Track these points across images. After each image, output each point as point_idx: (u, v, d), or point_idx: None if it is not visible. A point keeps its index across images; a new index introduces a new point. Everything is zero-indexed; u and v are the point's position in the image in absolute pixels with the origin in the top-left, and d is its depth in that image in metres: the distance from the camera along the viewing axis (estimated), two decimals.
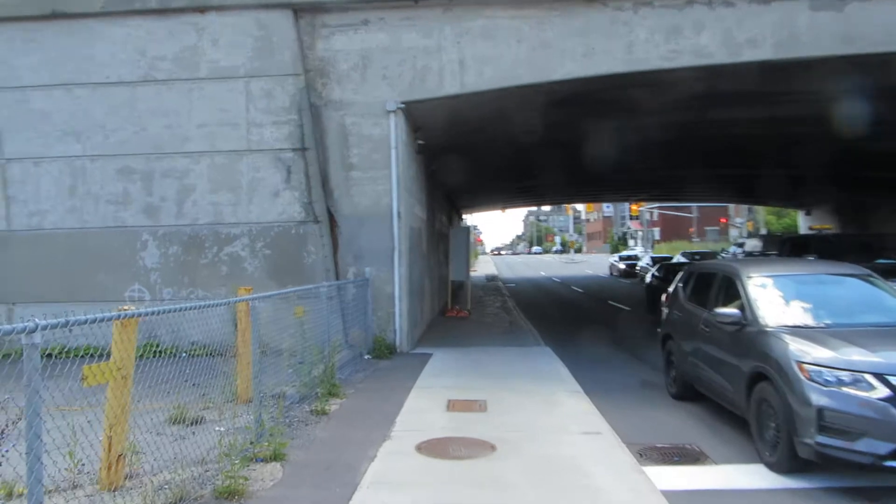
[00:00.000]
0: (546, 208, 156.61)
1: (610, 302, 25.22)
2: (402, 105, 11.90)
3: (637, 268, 39.13)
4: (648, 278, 23.87)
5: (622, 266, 41.08)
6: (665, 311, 9.30)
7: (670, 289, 9.34)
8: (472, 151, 18.66)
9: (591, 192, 37.96)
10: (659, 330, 9.59)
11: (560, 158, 20.98)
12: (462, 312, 19.29)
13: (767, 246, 34.40)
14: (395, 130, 11.86)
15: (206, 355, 6.79)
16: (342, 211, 11.99)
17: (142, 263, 11.96)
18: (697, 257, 34.31)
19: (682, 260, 32.70)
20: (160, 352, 11.83)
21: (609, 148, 20.59)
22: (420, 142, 13.83)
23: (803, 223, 45.92)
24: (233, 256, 11.89)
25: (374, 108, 11.90)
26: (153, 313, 4.98)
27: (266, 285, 11.52)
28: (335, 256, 11.94)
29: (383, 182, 11.92)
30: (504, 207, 48.08)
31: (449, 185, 23.38)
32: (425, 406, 7.78)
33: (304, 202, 11.87)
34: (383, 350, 11.40)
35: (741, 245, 41.39)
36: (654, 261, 35.98)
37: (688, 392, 8.36)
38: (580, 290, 32.28)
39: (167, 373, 6.84)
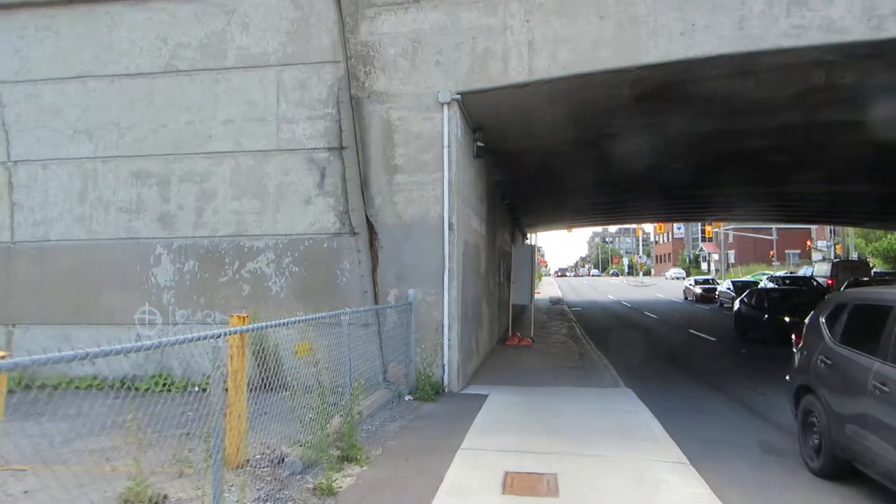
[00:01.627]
0: (612, 229, 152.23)
1: (691, 331, 22.50)
2: (458, 96, 9.98)
3: (716, 292, 35.93)
4: (737, 305, 21.12)
5: (699, 290, 37.87)
6: (799, 354, 6.93)
7: (806, 324, 6.96)
8: (541, 159, 16.56)
9: (667, 209, 34.98)
10: (787, 378, 7.23)
11: (639, 170, 18.62)
12: (525, 340, 17.11)
13: (839, 273, 30.88)
14: (448, 126, 9.94)
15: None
16: (384, 221, 10.11)
17: (154, 281, 10.36)
18: (787, 282, 31.12)
19: (770, 285, 29.61)
20: (170, 385, 9.88)
21: (695, 158, 18.19)
22: (479, 144, 11.85)
23: None
24: (256, 274, 10.16)
25: (425, 100, 10.02)
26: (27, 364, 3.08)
27: (293, 308, 9.74)
28: (374, 275, 10.04)
29: (433, 188, 9.98)
30: (571, 226, 45.57)
31: (512, 198, 21.32)
32: (473, 482, 5.69)
33: (339, 211, 10.05)
34: (427, 390, 9.39)
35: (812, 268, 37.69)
36: (736, 285, 32.93)
37: (840, 469, 5.99)
38: (654, 315, 29.49)
39: (161, 414, 5.30)
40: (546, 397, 9.83)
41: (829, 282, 30.75)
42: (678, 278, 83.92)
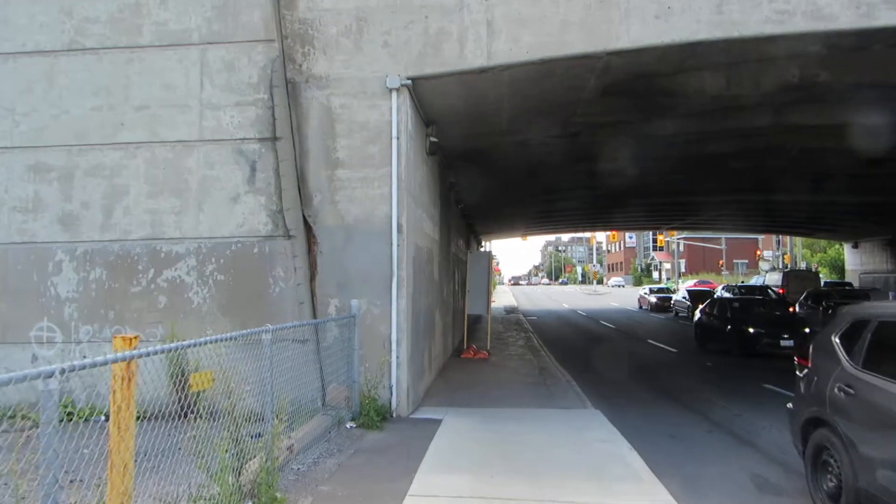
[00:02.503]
0: (565, 238, 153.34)
1: (650, 341, 21.80)
2: (409, 81, 8.84)
3: (672, 301, 35.61)
4: (697, 315, 20.50)
5: (653, 299, 37.52)
6: (805, 380, 5.95)
7: (814, 344, 6.00)
8: (497, 161, 15.56)
9: (623, 217, 34.53)
10: (790, 406, 6.27)
11: (599, 174, 17.81)
12: (481, 353, 16.02)
13: (790, 282, 30.85)
14: (397, 115, 8.78)
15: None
16: (323, 223, 8.87)
17: (53, 292, 8.88)
18: (743, 291, 30.93)
19: (726, 295, 29.33)
20: (71, 414, 8.34)
21: (657, 162, 17.47)
22: (433, 139, 10.74)
23: (850, 258, 42.21)
24: (174, 283, 8.78)
25: (371, 86, 8.85)
26: None
27: (218, 323, 8.45)
28: (312, 284, 8.79)
29: (380, 185, 8.80)
30: (526, 234, 44.87)
31: (467, 203, 20.28)
32: None
33: (271, 210, 8.78)
34: (373, 415, 8.16)
35: (763, 277, 37.82)
36: (691, 294, 32.64)
37: None
38: (611, 325, 28.82)
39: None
40: (507, 422, 8.72)
41: (780, 291, 30.70)
42: (619, 286, 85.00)
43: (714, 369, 15.17)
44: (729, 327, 17.37)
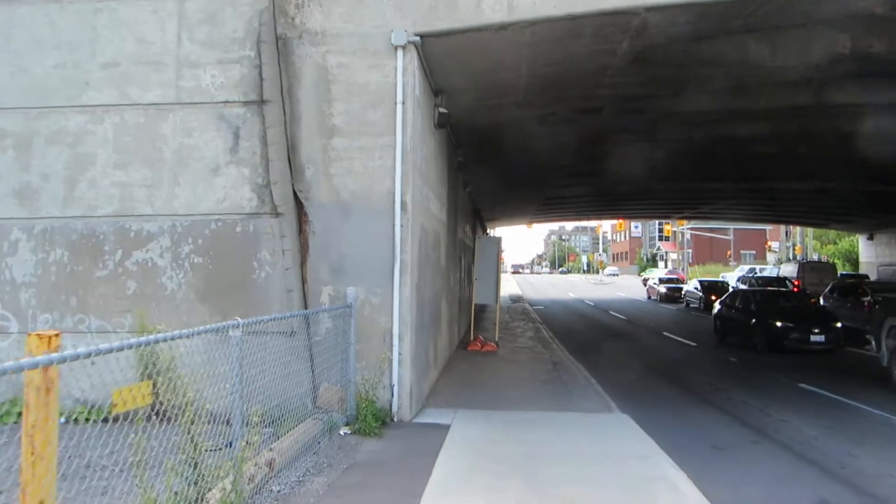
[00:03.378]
0: (569, 227, 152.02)
1: (666, 334, 20.72)
2: (417, 38, 7.69)
3: (682, 292, 34.48)
4: (717, 307, 19.39)
5: (663, 290, 36.37)
6: None
7: None
8: (511, 139, 14.39)
9: (633, 205, 33.26)
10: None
11: (617, 156, 16.63)
12: (489, 345, 14.95)
13: (806, 274, 29.64)
14: (403, 77, 7.64)
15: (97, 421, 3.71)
16: (317, 199, 7.75)
17: (8, 275, 7.79)
18: (760, 282, 29.82)
19: (742, 286, 28.22)
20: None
21: (680, 145, 16.31)
22: (442, 110, 9.59)
23: (865, 250, 40.94)
24: (145, 266, 7.69)
25: (374, 43, 7.70)
26: None
27: (195, 312, 7.38)
28: (302, 269, 7.68)
29: (382, 156, 7.67)
30: (531, 222, 43.65)
31: (475, 185, 19.14)
32: None
33: (257, 184, 7.67)
34: (370, 420, 7.08)
35: (777, 268, 36.52)
36: (703, 285, 31.54)
37: None
38: (622, 316, 27.73)
39: None
40: (525, 427, 7.63)
41: (796, 282, 29.55)
42: (613, 275, 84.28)
43: (740, 366, 14.07)
44: (753, 321, 16.25)
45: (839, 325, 15.74)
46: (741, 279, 32.51)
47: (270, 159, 7.58)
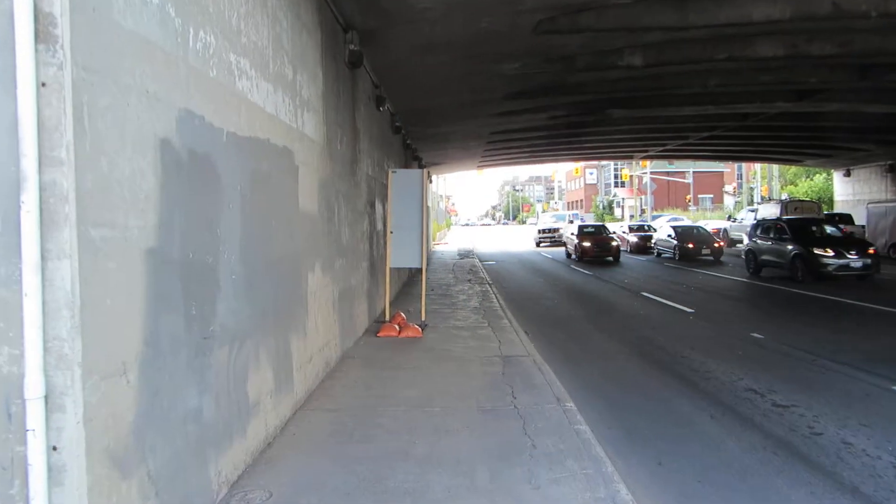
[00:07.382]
0: (522, 177, 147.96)
1: (646, 294, 16.32)
2: None
3: (652, 241, 30.25)
4: (745, 242, 21.05)
5: (633, 239, 32.10)
6: None
7: None
8: (436, 31, 9.27)
9: (592, 142, 28.35)
10: None
11: (575, 66, 11.72)
12: (410, 328, 10.17)
13: (791, 214, 26.49)
14: None
15: None
16: None
17: None
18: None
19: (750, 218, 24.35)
20: None
21: (654, 51, 11.48)
22: None
23: (840, 188, 37.36)
24: None
25: None
26: None
27: None
28: None
29: None
30: (481, 166, 38.77)
31: (406, 122, 14.00)
32: None
33: None
34: None
35: (754, 210, 32.71)
36: (677, 231, 27.46)
37: None
38: (587, 272, 23.31)
39: None
40: None
41: None
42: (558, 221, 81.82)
43: (769, 346, 9.64)
44: (790, 248, 16.65)
45: (873, 250, 16.82)
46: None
47: None
